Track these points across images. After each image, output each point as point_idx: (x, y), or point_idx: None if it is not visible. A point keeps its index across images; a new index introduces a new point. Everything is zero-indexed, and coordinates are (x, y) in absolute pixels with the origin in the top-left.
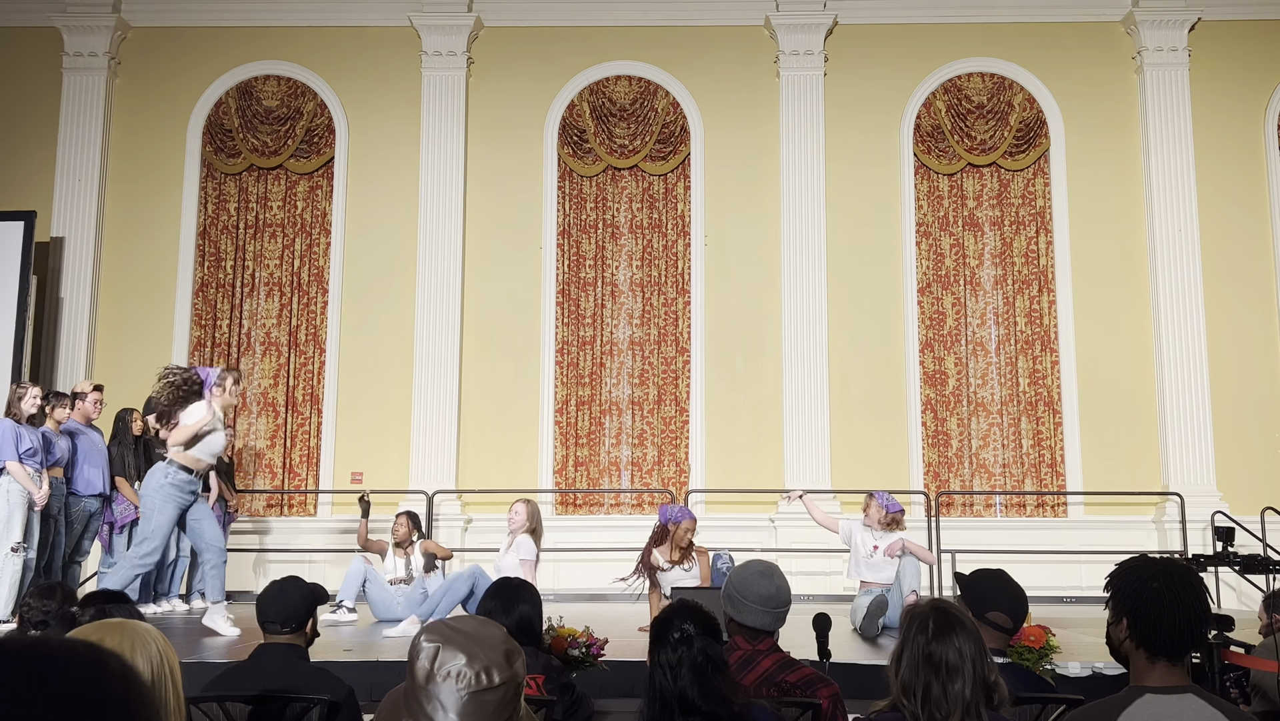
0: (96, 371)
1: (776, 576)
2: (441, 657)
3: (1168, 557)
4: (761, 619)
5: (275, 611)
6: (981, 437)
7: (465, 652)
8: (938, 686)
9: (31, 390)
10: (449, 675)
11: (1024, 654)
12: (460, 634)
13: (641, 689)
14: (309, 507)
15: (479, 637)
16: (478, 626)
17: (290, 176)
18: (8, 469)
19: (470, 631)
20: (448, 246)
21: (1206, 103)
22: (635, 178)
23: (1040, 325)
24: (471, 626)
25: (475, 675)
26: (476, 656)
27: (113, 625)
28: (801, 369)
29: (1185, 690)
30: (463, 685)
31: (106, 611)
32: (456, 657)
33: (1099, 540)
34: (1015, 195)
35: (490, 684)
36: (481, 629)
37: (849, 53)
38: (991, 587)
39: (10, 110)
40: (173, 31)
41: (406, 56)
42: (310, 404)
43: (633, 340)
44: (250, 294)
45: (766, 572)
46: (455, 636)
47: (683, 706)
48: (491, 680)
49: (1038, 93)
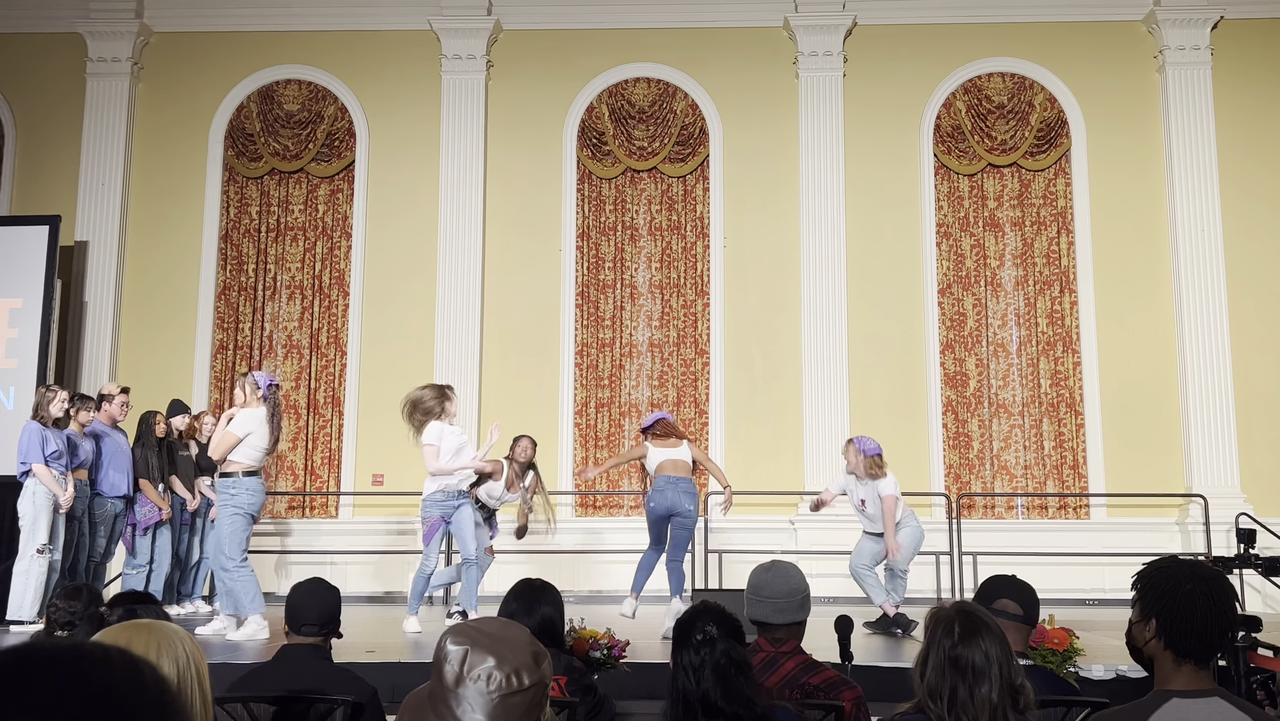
0: (120, 374)
1: (792, 572)
2: (471, 660)
3: (1199, 560)
4: (781, 614)
5: (316, 612)
6: (1003, 439)
7: (494, 655)
8: (964, 689)
9: (60, 394)
10: (478, 678)
11: (1047, 656)
12: (488, 636)
13: (663, 691)
14: (330, 509)
15: (506, 640)
16: (503, 628)
17: (311, 180)
18: (34, 471)
19: (497, 633)
20: (468, 249)
21: (1229, 101)
22: (654, 179)
23: (1062, 326)
24: (497, 628)
25: (505, 677)
26: (506, 659)
27: (140, 626)
28: (821, 370)
29: (1212, 693)
30: (493, 687)
31: (134, 612)
32: (486, 660)
33: (1122, 542)
34: (1036, 195)
35: (520, 686)
36: (507, 631)
37: (868, 53)
38: (999, 583)
39: (35, 115)
40: (195, 37)
41: (426, 60)
42: (331, 406)
43: (652, 342)
44: (272, 297)
45: (781, 571)
46: (483, 639)
47: (706, 708)
48: (521, 682)
49: (1058, 92)
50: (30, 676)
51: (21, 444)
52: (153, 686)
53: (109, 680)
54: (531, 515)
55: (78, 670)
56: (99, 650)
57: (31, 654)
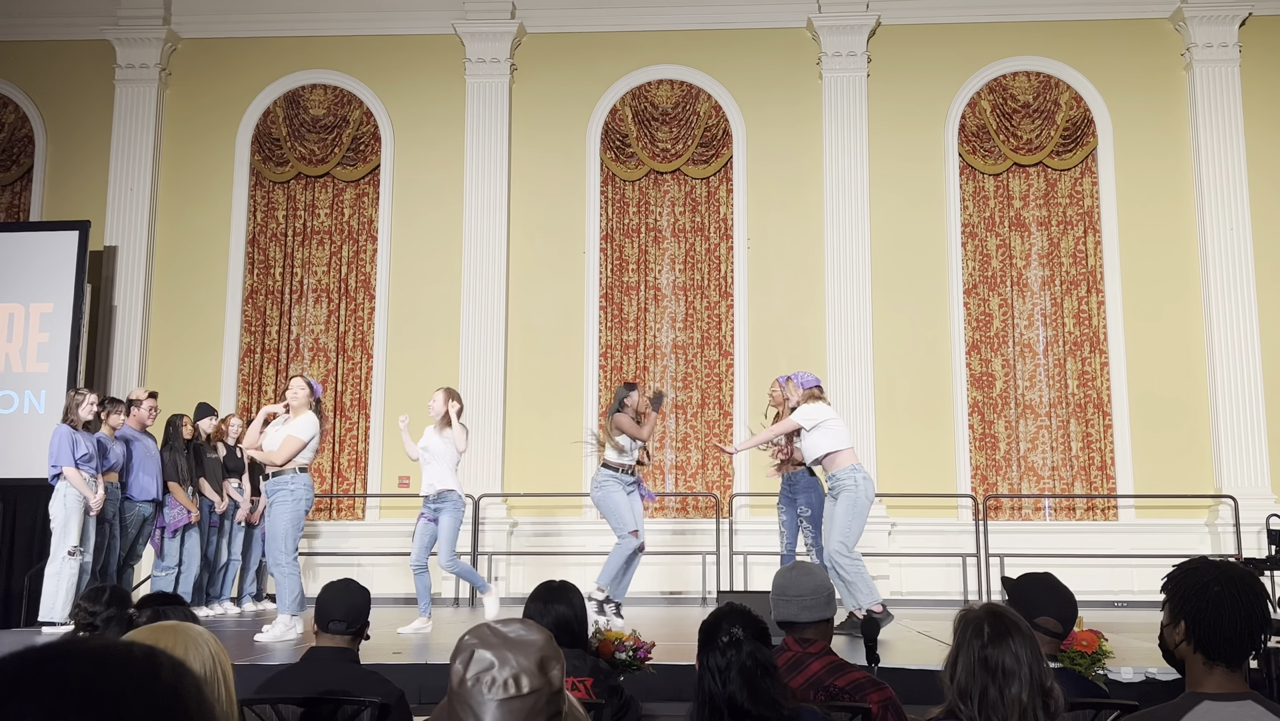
0: (149, 378)
1: (815, 570)
2: (476, 662)
3: (1228, 561)
4: (809, 611)
5: (344, 610)
6: (1030, 440)
7: (498, 658)
8: (994, 690)
9: (89, 397)
10: (477, 679)
11: (1076, 659)
12: (499, 637)
13: (689, 692)
14: (357, 511)
15: (517, 642)
16: (520, 630)
17: (337, 184)
18: (64, 474)
19: (510, 635)
20: (492, 251)
21: (1258, 99)
22: (677, 181)
23: (1089, 326)
24: (514, 630)
25: (505, 681)
26: (508, 662)
27: (167, 627)
28: (846, 371)
29: (1245, 696)
30: (493, 691)
31: (162, 613)
32: (489, 662)
33: (1150, 544)
34: (1062, 195)
35: (519, 691)
36: (523, 633)
37: (892, 53)
38: (1040, 593)
39: (65, 123)
40: (221, 43)
41: (450, 64)
42: (358, 409)
43: (676, 344)
44: (299, 300)
45: (805, 569)
46: (492, 639)
47: (732, 710)
48: (520, 687)
49: (1085, 91)
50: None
51: (52, 447)
52: (170, 687)
53: (124, 681)
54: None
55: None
56: (119, 650)
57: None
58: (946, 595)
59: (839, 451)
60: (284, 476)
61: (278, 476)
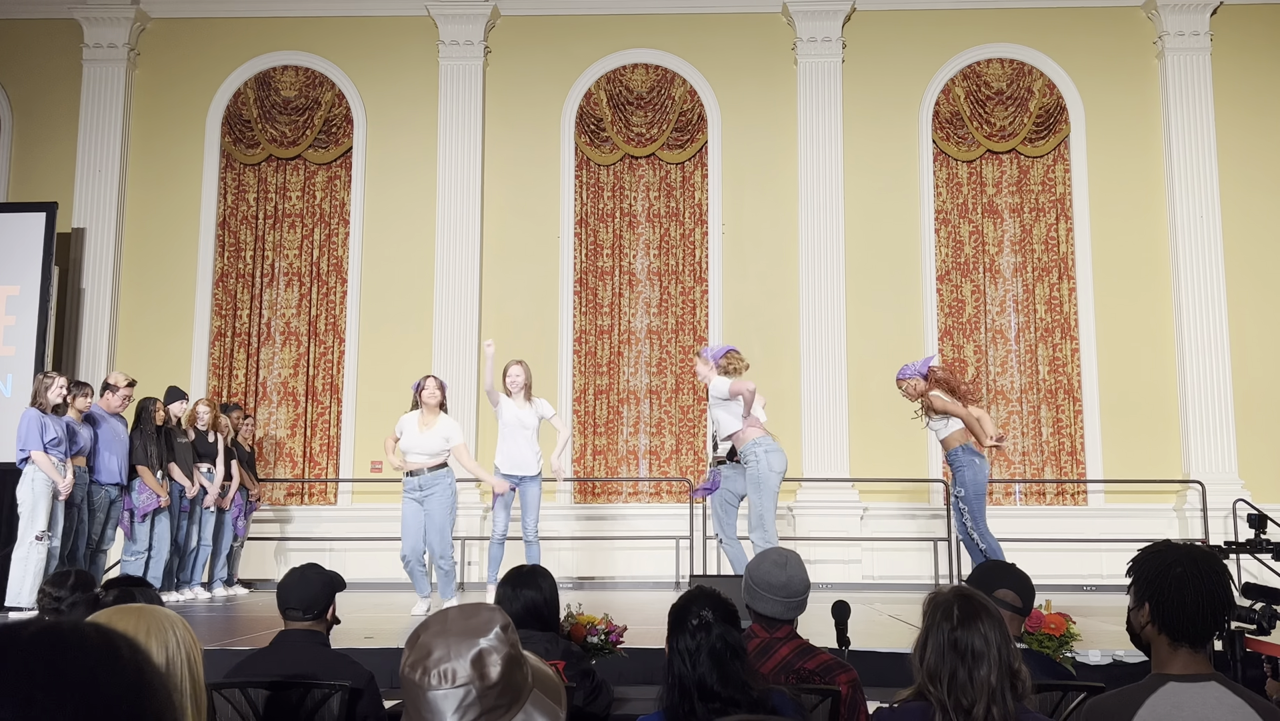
0: (118, 360)
1: (791, 565)
2: (418, 649)
3: (1191, 542)
4: (774, 607)
5: (298, 597)
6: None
7: (434, 649)
8: (964, 672)
9: (58, 380)
10: (412, 666)
11: (1044, 641)
12: (443, 625)
13: (660, 676)
14: (329, 496)
15: (457, 632)
16: (466, 619)
17: (309, 166)
18: (33, 458)
19: (452, 625)
20: (466, 235)
21: (1229, 87)
22: (652, 166)
23: (1060, 312)
24: (461, 618)
25: (442, 672)
26: (433, 652)
27: (130, 610)
28: (820, 356)
29: (1209, 678)
30: (419, 678)
31: (129, 595)
32: (419, 651)
33: (1119, 528)
34: (1035, 182)
35: (450, 683)
36: (467, 622)
37: (867, 39)
38: (997, 571)
39: (31, 102)
40: (191, 23)
41: (424, 46)
42: (330, 393)
43: (650, 329)
44: (270, 284)
45: (781, 562)
46: (434, 626)
47: (702, 693)
48: (453, 679)
49: (1058, 78)
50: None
51: (20, 431)
52: (131, 668)
53: (83, 661)
54: None
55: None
56: (75, 630)
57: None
58: (918, 579)
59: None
60: (440, 471)
61: (435, 471)
